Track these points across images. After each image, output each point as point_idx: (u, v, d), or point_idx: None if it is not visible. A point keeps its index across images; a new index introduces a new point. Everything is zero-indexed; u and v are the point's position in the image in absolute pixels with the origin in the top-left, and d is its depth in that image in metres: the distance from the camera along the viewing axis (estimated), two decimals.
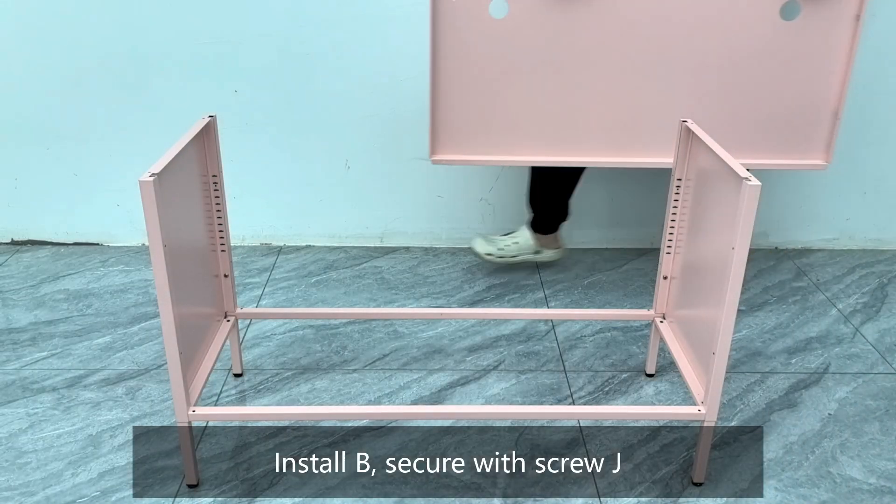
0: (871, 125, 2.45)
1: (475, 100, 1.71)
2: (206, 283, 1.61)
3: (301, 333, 2.07)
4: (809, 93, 1.72)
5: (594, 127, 1.75)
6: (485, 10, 1.62)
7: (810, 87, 1.72)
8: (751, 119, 1.75)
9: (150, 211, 1.28)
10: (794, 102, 1.74)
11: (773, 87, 1.71)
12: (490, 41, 1.66)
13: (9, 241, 2.57)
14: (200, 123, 1.56)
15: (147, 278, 2.35)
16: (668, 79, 1.71)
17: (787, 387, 1.88)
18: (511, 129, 1.75)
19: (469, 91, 1.70)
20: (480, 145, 1.77)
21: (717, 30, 1.64)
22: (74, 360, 1.95)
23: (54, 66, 2.33)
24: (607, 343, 2.04)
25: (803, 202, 2.55)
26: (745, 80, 1.70)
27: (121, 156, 2.44)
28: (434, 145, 1.75)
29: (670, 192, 1.68)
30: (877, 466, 1.63)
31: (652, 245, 2.60)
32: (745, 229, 1.32)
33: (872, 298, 2.29)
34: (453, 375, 1.90)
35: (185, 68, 2.34)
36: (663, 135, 1.76)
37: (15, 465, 1.60)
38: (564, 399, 1.83)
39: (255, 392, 1.84)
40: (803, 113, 1.75)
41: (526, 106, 1.73)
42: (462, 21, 1.63)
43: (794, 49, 1.67)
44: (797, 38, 1.66)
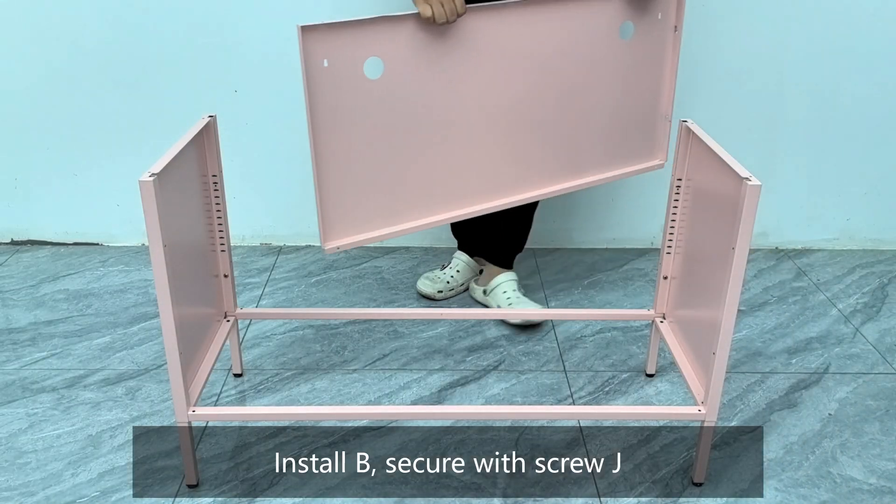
0: (871, 125, 2.45)
1: (365, 169, 1.58)
2: (206, 283, 1.61)
3: (301, 333, 2.07)
4: (646, 102, 1.84)
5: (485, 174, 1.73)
6: (359, 71, 1.50)
7: (647, 97, 1.83)
8: (603, 136, 1.82)
9: (150, 211, 1.28)
10: (636, 113, 1.84)
11: (619, 103, 1.80)
12: (369, 103, 1.53)
13: (9, 241, 2.57)
14: (200, 123, 1.56)
15: (147, 278, 2.35)
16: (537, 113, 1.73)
17: (787, 387, 1.88)
18: (405, 193, 1.65)
19: (357, 161, 1.57)
20: (379, 217, 1.65)
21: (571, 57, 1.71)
22: (74, 360, 1.95)
23: (54, 66, 2.33)
24: (607, 343, 2.04)
25: (803, 202, 2.55)
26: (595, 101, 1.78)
27: (121, 156, 2.44)
28: (325, 230, 1.58)
29: (670, 192, 1.68)
30: (877, 466, 1.63)
31: (652, 245, 2.60)
32: (746, 229, 1.32)
33: (873, 298, 2.29)
34: (453, 375, 1.90)
35: (185, 68, 2.34)
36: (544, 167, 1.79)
37: (15, 465, 1.60)
38: (564, 399, 1.83)
39: (255, 392, 1.84)
40: (644, 121, 1.86)
41: (416, 166, 1.64)
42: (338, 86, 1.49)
43: (633, 64, 1.78)
44: (634, 55, 1.77)
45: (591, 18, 1.69)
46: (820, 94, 2.41)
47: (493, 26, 1.60)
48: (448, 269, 2.27)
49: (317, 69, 1.46)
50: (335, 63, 1.48)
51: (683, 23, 1.78)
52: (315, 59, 1.45)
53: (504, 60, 1.65)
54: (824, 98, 2.41)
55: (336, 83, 1.49)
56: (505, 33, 1.62)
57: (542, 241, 2.57)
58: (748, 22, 2.32)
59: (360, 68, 1.51)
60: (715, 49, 2.34)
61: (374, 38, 1.50)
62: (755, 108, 2.42)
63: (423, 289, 2.24)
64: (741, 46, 2.34)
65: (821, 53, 2.35)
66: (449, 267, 2.28)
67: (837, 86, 2.40)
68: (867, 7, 2.30)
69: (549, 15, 1.65)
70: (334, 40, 1.46)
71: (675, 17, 1.78)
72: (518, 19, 1.63)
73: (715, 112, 2.41)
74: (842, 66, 2.37)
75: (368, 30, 1.49)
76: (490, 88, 1.66)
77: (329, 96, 1.50)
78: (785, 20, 2.32)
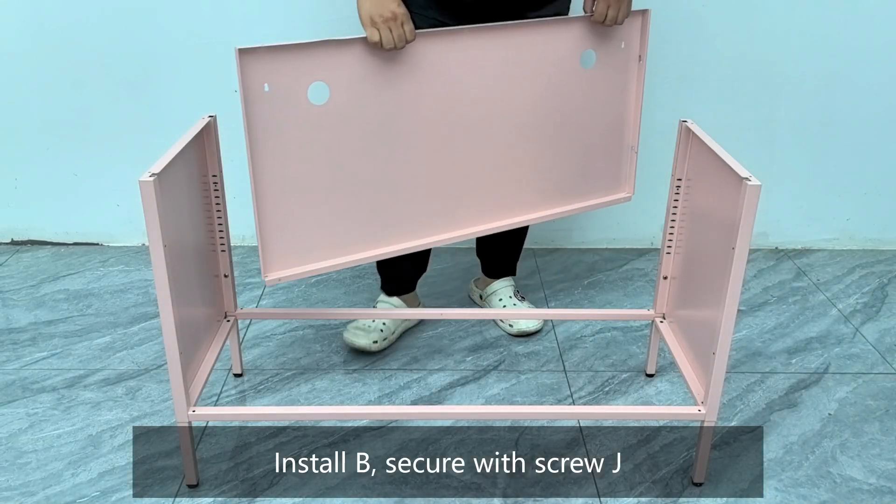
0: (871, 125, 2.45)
1: (311, 198, 1.53)
2: (206, 283, 1.61)
3: (301, 333, 2.07)
4: (611, 133, 1.81)
5: (439, 204, 1.67)
6: (303, 96, 1.44)
7: (612, 127, 1.80)
8: (566, 166, 1.79)
9: (150, 211, 1.28)
10: (601, 144, 1.80)
11: (582, 133, 1.77)
12: (314, 129, 1.47)
13: (9, 241, 2.57)
14: (200, 123, 1.56)
15: (147, 278, 2.35)
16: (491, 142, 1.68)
17: (787, 387, 1.88)
18: (355, 223, 1.60)
19: (302, 190, 1.51)
20: (326, 248, 1.58)
21: (528, 85, 1.67)
22: (74, 360, 1.95)
23: (54, 65, 2.33)
24: (607, 343, 2.04)
25: (803, 202, 2.55)
26: (557, 131, 1.74)
27: (121, 156, 2.44)
28: (266, 261, 1.53)
29: (670, 192, 1.68)
30: (877, 466, 1.63)
31: (652, 245, 2.60)
32: (746, 229, 1.32)
33: (872, 298, 2.29)
34: (453, 375, 1.90)
35: (185, 68, 2.34)
36: (503, 197, 1.75)
37: (15, 465, 1.60)
38: (564, 399, 1.83)
39: (255, 392, 1.84)
40: (609, 153, 1.83)
41: (366, 195, 1.59)
42: (280, 111, 1.44)
43: (595, 94, 1.75)
44: (597, 84, 1.74)
45: (550, 46, 1.65)
46: (820, 94, 2.40)
47: (447, 52, 1.56)
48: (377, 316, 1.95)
49: (257, 93, 1.41)
50: (277, 87, 1.42)
51: (647, 52, 1.75)
52: (255, 83, 1.40)
53: (459, 87, 1.60)
54: (824, 98, 2.41)
55: (278, 108, 1.44)
56: (459, 59, 1.58)
57: (542, 241, 2.58)
58: (748, 22, 2.32)
59: (303, 93, 1.45)
60: (715, 49, 2.34)
61: (319, 62, 1.44)
62: (755, 108, 2.42)
63: (357, 342, 1.92)
64: (741, 46, 2.34)
65: (821, 53, 2.35)
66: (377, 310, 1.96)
67: (837, 86, 2.39)
68: (867, 7, 2.30)
69: (507, 41, 1.60)
70: (275, 64, 1.40)
71: (639, 46, 1.75)
72: (473, 45, 1.58)
73: (714, 112, 2.41)
74: (842, 65, 2.37)
75: (312, 53, 1.43)
76: (443, 116, 1.60)
77: (270, 122, 1.44)
78: (785, 20, 2.32)
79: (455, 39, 1.56)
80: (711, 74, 2.37)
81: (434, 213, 1.68)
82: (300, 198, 1.52)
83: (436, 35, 1.54)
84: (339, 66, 1.47)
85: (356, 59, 1.49)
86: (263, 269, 1.53)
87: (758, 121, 2.43)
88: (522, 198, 1.78)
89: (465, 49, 1.57)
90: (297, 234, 1.55)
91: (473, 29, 1.56)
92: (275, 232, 1.53)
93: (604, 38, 1.70)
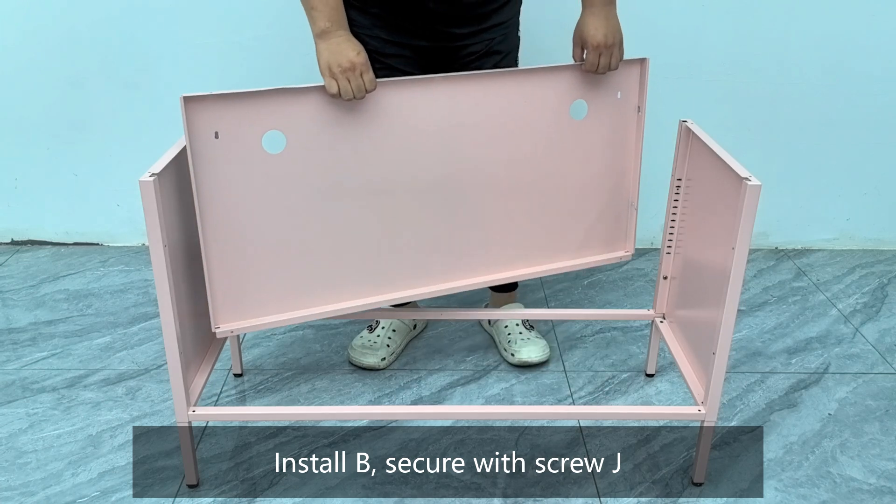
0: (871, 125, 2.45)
1: (265, 250, 1.47)
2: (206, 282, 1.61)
3: (301, 333, 2.07)
4: (606, 188, 1.70)
5: (406, 259, 1.60)
6: (257, 145, 1.39)
7: (607, 182, 1.69)
8: (556, 221, 1.69)
9: (150, 211, 1.28)
10: (596, 199, 1.70)
11: (573, 187, 1.67)
12: (269, 179, 1.42)
13: (9, 241, 2.57)
14: None
15: (147, 278, 2.35)
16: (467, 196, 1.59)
17: (787, 387, 1.88)
18: (307, 278, 1.54)
19: (255, 241, 1.46)
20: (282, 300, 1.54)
21: (511, 137, 1.57)
22: (74, 360, 1.95)
23: (54, 65, 2.33)
24: (607, 343, 2.04)
25: (803, 202, 2.55)
26: (542, 184, 1.64)
27: (121, 156, 2.44)
28: (216, 312, 1.48)
29: (670, 192, 1.68)
30: (877, 466, 1.63)
31: (652, 245, 2.60)
32: (746, 229, 1.32)
33: (872, 298, 2.29)
34: (453, 375, 1.90)
35: (186, 68, 2.34)
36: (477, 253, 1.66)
37: (15, 465, 1.60)
38: (564, 399, 1.83)
39: (255, 392, 1.84)
40: (605, 208, 1.72)
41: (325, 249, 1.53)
42: (231, 160, 1.38)
43: (588, 147, 1.64)
44: (588, 135, 1.63)
45: (535, 96, 1.56)
46: (820, 94, 2.40)
47: (414, 102, 1.48)
48: (379, 331, 1.96)
49: (205, 141, 1.35)
50: (228, 135, 1.36)
51: (647, 102, 1.65)
52: (202, 130, 1.34)
53: (428, 139, 1.51)
54: (824, 98, 2.41)
55: (229, 156, 1.37)
56: (428, 109, 1.49)
57: None
58: (748, 22, 2.32)
59: (258, 142, 1.39)
60: (715, 48, 2.34)
61: (274, 110, 1.39)
62: (755, 108, 2.42)
63: (365, 361, 1.90)
64: (741, 46, 2.34)
65: (821, 53, 2.35)
66: (377, 328, 1.97)
67: (837, 86, 2.39)
68: (867, 6, 2.30)
69: (485, 90, 1.51)
70: (227, 112, 1.35)
71: (637, 96, 1.65)
72: (443, 94, 1.49)
73: (715, 112, 2.41)
74: (842, 65, 2.37)
75: (267, 102, 1.38)
76: (411, 168, 1.52)
77: (221, 170, 1.38)
78: (785, 20, 2.32)
79: (424, 88, 1.48)
80: (711, 74, 2.37)
81: (402, 268, 1.61)
82: (253, 249, 1.47)
83: (403, 84, 1.47)
84: (296, 114, 1.41)
85: (315, 108, 1.42)
86: (213, 321, 1.49)
87: (758, 121, 2.43)
88: (500, 254, 1.69)
89: (434, 99, 1.49)
90: (250, 286, 1.50)
91: (444, 78, 1.49)
92: (227, 282, 1.47)
93: (596, 87, 1.61)
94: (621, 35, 1.58)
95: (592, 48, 1.56)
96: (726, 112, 2.42)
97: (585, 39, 1.57)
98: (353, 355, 1.92)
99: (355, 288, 1.60)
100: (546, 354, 1.92)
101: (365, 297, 1.62)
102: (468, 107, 1.53)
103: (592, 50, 1.56)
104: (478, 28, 1.66)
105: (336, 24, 1.45)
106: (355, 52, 1.43)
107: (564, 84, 1.58)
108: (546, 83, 1.57)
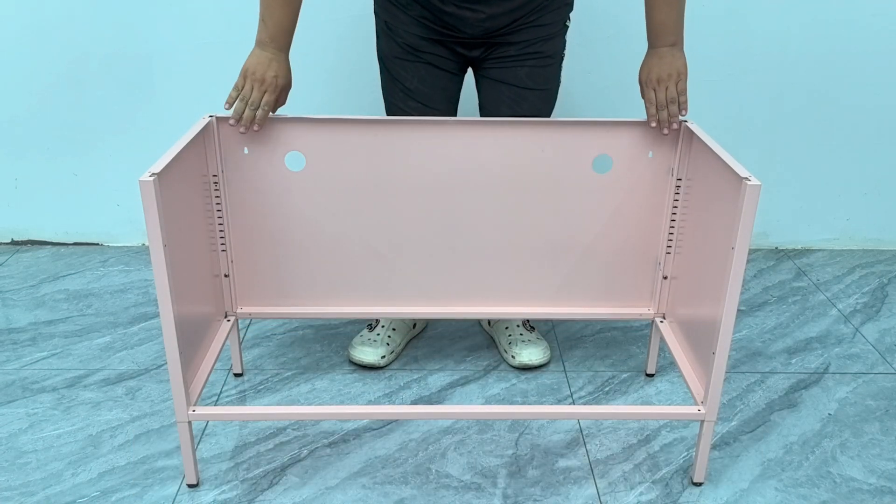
0: (871, 125, 2.45)
1: (281, 251, 1.68)
2: (206, 282, 1.61)
3: (301, 333, 2.07)
4: (631, 243, 1.71)
5: (406, 282, 1.73)
6: (280, 163, 1.59)
7: (631, 237, 1.70)
8: (579, 271, 1.73)
9: (150, 211, 1.28)
10: (619, 253, 1.72)
11: (595, 240, 1.70)
12: (288, 194, 1.62)
13: (9, 241, 2.57)
14: (201, 123, 1.56)
15: (147, 278, 2.35)
16: (486, 238, 1.69)
17: (787, 387, 1.88)
18: (320, 279, 1.72)
19: (274, 242, 1.67)
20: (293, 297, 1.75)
21: (526, 181, 1.63)
22: (74, 360, 1.95)
23: (54, 66, 2.33)
24: (607, 343, 2.04)
25: (803, 202, 2.55)
26: (559, 231, 1.69)
27: (121, 155, 2.44)
28: (237, 295, 1.74)
29: (670, 192, 1.68)
30: (877, 466, 1.63)
31: None
32: (745, 229, 1.32)
33: (872, 298, 2.29)
34: (453, 375, 1.90)
35: (186, 68, 2.34)
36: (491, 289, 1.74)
37: (15, 465, 1.60)
38: (564, 399, 1.83)
39: (255, 392, 1.84)
40: (627, 264, 1.73)
41: (326, 257, 1.70)
42: (258, 173, 1.61)
43: (612, 201, 1.66)
44: (612, 191, 1.65)
45: (555, 145, 1.60)
46: (820, 94, 2.41)
47: (431, 141, 1.59)
48: (380, 329, 1.97)
49: (236, 154, 1.59)
50: (256, 152, 1.59)
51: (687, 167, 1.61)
52: (234, 145, 1.58)
53: (441, 178, 1.63)
54: (824, 97, 2.41)
55: (256, 169, 1.60)
56: (443, 150, 1.60)
57: None
58: (748, 21, 2.32)
59: (281, 160, 1.59)
60: (715, 48, 2.34)
61: (297, 135, 1.58)
62: (755, 108, 2.42)
63: (365, 359, 1.90)
64: (741, 45, 2.34)
65: (821, 53, 2.35)
66: (376, 327, 1.97)
67: (837, 85, 2.40)
68: (867, 6, 2.30)
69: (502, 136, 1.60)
70: (256, 132, 1.57)
71: (673, 158, 1.62)
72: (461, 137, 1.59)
73: (715, 112, 2.41)
74: (842, 65, 2.37)
75: (291, 127, 1.58)
76: (422, 203, 1.65)
77: (248, 177, 1.61)
78: (785, 19, 2.32)
79: (442, 131, 1.59)
80: (711, 74, 2.37)
81: (406, 290, 1.75)
82: (270, 248, 1.69)
83: (421, 125, 1.58)
84: (315, 140, 1.59)
85: (333, 136, 1.59)
86: (234, 304, 1.73)
87: (758, 120, 2.44)
88: (507, 291, 1.75)
89: (451, 141, 1.60)
90: (265, 278, 1.72)
91: (462, 122, 1.58)
92: (245, 273, 1.71)
93: (623, 141, 1.60)
94: (684, 69, 1.60)
95: (646, 87, 1.61)
96: (726, 112, 2.42)
97: (641, 80, 1.63)
98: (352, 353, 1.93)
99: (359, 298, 1.76)
100: (547, 357, 1.93)
101: (368, 307, 1.78)
102: (488, 150, 1.62)
103: (647, 88, 1.60)
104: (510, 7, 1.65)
105: (275, 42, 1.57)
106: (273, 73, 1.55)
107: (588, 137, 1.61)
108: (569, 134, 1.60)
